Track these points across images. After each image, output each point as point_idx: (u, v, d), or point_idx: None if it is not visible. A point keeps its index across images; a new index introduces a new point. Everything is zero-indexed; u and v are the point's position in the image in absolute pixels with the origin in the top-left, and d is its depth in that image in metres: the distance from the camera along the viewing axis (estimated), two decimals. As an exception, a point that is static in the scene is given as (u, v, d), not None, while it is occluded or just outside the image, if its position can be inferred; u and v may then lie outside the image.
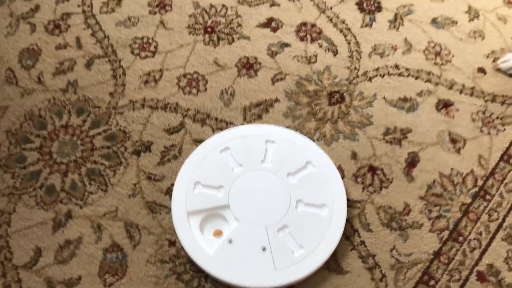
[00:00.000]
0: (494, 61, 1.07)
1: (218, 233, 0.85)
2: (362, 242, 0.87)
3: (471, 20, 1.13)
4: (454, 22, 1.13)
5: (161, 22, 1.12)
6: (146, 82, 1.04)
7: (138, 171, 0.94)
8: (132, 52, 1.08)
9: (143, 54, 1.08)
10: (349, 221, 0.89)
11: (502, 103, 1.01)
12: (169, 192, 0.91)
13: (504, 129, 0.98)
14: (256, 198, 0.88)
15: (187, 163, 0.91)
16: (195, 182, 0.88)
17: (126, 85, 1.04)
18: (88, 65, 1.07)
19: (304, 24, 1.12)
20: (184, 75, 1.05)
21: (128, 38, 1.10)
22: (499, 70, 1.06)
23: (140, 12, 1.14)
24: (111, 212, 0.89)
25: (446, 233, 0.88)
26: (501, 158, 0.95)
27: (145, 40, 1.10)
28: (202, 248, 0.82)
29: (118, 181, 0.93)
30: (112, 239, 0.87)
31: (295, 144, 0.93)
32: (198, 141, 0.97)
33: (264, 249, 0.83)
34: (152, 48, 1.08)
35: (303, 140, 0.94)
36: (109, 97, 1.02)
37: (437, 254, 0.86)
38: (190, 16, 1.13)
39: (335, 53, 1.08)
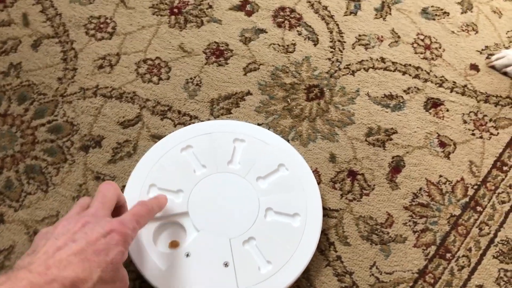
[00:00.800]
0: (488, 57, 0.98)
1: (174, 245, 0.73)
2: (339, 257, 0.77)
3: (464, 12, 1.04)
4: (446, 14, 1.03)
5: (122, 1, 0.99)
6: (100, 67, 0.91)
7: (85, 169, 0.81)
8: (86, 33, 0.95)
9: (99, 35, 0.95)
10: (324, 232, 0.78)
11: (496, 104, 0.92)
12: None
13: (498, 133, 0.89)
14: (220, 204, 0.76)
15: (142, 162, 0.79)
16: (150, 184, 0.77)
17: (77, 69, 0.91)
18: (35, 46, 0.93)
19: (282, 8, 1.01)
20: (145, 61, 0.93)
21: (83, 17, 0.97)
22: (493, 67, 0.96)
23: (98, -12, 1.00)
24: (51, 216, 0.77)
25: (432, 249, 0.78)
26: (494, 165, 0.86)
27: (102, 19, 0.97)
28: (154, 262, 0.71)
29: (62, 180, 0.80)
30: (50, 249, 0.74)
31: (267, 144, 0.82)
32: (156, 137, 0.85)
33: (226, 265, 0.72)
34: (109, 29, 0.96)
35: (277, 140, 0.83)
36: (57, 83, 0.89)
37: (422, 272, 0.76)
38: (154, -6, 1.00)
39: (316, 42, 0.97)
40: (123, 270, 0.60)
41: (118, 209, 0.66)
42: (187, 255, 0.72)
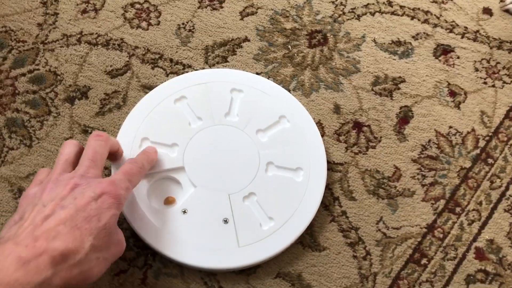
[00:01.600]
0: (501, 0, 0.91)
1: (170, 201, 0.69)
2: (344, 213, 0.73)
3: (476, -49, 0.96)
4: (458, -47, 0.95)
5: None
6: (84, 11, 0.84)
7: (72, 122, 0.75)
8: (67, -26, 0.87)
9: (81, -24, 0.86)
10: (328, 187, 0.74)
11: (510, 50, 0.86)
12: (110, 149, 0.73)
13: (511, 81, 0.84)
14: (218, 159, 0.71)
15: (132, 114, 0.73)
16: (142, 138, 0.71)
17: (59, 14, 0.83)
18: (11, -12, 0.85)
19: None
20: (132, 4, 0.85)
21: (62, -45, 0.88)
22: (507, 11, 0.90)
23: None
24: (35, 173, 0.72)
25: (441, 203, 0.74)
26: (506, 116, 0.81)
27: (84, -41, 0.88)
28: (149, 219, 0.66)
29: (46, 134, 0.74)
30: (37, 207, 0.70)
31: (267, 94, 0.76)
32: (147, 87, 0.78)
33: (225, 221, 0.67)
34: (92, -30, 0.87)
35: (277, 90, 0.77)
36: (37, 29, 0.82)
37: (430, 227, 0.73)
38: None
39: (318, -16, 0.89)
40: (118, 234, 0.55)
41: (113, 156, 0.62)
42: (184, 212, 0.67)
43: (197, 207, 0.68)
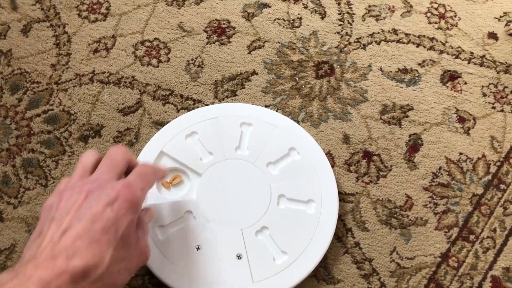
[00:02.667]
0: (507, 24, 0.92)
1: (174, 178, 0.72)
2: (357, 244, 0.73)
3: (479, -24, 0.97)
4: (460, -21, 0.96)
5: (114, -22, 0.93)
6: (96, 51, 0.86)
7: (86, 161, 0.77)
8: (79, 15, 0.89)
9: (92, 17, 0.89)
10: (341, 218, 0.74)
11: (517, 74, 0.87)
12: (124, 186, 0.74)
13: (520, 105, 0.84)
14: (230, 193, 0.72)
15: (145, 151, 0.75)
16: None
17: (71, 55, 0.86)
18: (26, 31, 0.88)
19: (285, -19, 0.94)
20: (142, 43, 0.87)
21: (74, -3, 0.91)
22: (512, 35, 0.91)
23: (89, -35, 0.94)
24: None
25: (455, 231, 0.74)
26: (517, 140, 0.81)
27: (95, 0, 0.91)
28: (164, 257, 0.67)
29: (61, 173, 0.76)
30: (53, 246, 0.71)
31: (276, 127, 0.77)
32: (159, 124, 0.80)
33: (239, 257, 0.68)
34: (103, 10, 0.90)
35: (286, 122, 0.78)
36: (50, 70, 0.84)
37: (445, 256, 0.72)
38: (149, -30, 0.94)
39: (323, 15, 0.91)
40: (139, 242, 0.55)
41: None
42: (198, 248, 0.68)
43: (211, 243, 0.69)
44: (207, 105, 0.82)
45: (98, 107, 0.81)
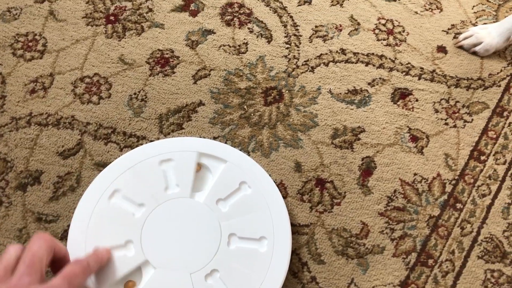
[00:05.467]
0: (455, 37, 0.91)
1: (130, 286, 0.66)
2: (313, 279, 0.70)
3: (425, -11, 0.96)
4: (407, -7, 0.95)
5: (51, 13, 0.89)
6: (32, 91, 0.82)
7: (25, 211, 0.73)
8: (13, 54, 0.85)
9: (28, 55, 0.85)
10: (296, 252, 0.72)
11: (468, 87, 0.86)
12: (66, 236, 0.70)
13: (472, 120, 0.83)
14: (177, 236, 0.69)
15: (85, 198, 0.70)
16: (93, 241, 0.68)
17: (6, 97, 0.81)
18: (-43, 73, 0.83)
19: (230, 4, 0.92)
20: (82, 79, 0.83)
21: (8, 35, 0.87)
22: (461, 47, 0.90)
23: (23, 1, 0.90)
24: (-11, 270, 0.68)
25: (413, 256, 0.72)
26: (471, 156, 0.80)
27: (30, 37, 0.87)
28: None
29: (-2, 227, 0.72)
30: (-9, 308, 0.66)
31: (225, 161, 0.74)
32: (101, 165, 0.76)
33: None
34: (39, 47, 0.86)
35: (235, 154, 0.75)
36: (-15, 114, 0.80)
37: (404, 284, 0.70)
38: (87, 2, 0.90)
39: (269, 39, 0.88)
40: None
41: (59, 262, 0.58)
42: None
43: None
44: (152, 141, 0.78)
45: (36, 151, 0.77)
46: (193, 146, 0.74)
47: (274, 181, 0.74)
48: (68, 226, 0.69)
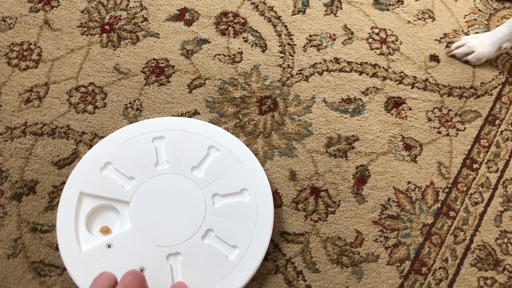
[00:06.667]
0: (447, 46, 0.92)
1: (105, 230, 0.69)
2: (308, 287, 0.71)
3: (418, -2, 0.98)
4: (400, 2, 0.97)
5: (46, 22, 0.89)
6: (27, 101, 0.82)
7: (20, 221, 0.73)
8: (8, 63, 0.85)
9: (23, 64, 0.85)
10: (291, 261, 0.72)
11: (460, 96, 0.87)
12: (61, 246, 0.70)
13: (464, 128, 0.84)
14: (164, 210, 0.70)
15: (64, 197, 0.70)
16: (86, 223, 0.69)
17: (1, 106, 0.81)
18: (-48, 83, 0.83)
19: (224, 14, 0.92)
20: (77, 88, 0.83)
21: (3, 45, 0.87)
22: (453, 56, 0.91)
23: (18, 10, 0.90)
24: (-16, 281, 0.69)
25: (407, 264, 0.73)
26: (464, 164, 0.81)
27: (25, 46, 0.87)
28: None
29: (-7, 237, 0.72)
30: (-14, 318, 0.66)
31: (189, 132, 0.76)
32: (96, 175, 0.76)
33: (142, 270, 0.66)
34: (34, 56, 0.86)
35: (197, 124, 0.77)
36: (-21, 124, 0.80)
37: (398, 292, 0.71)
38: (82, 11, 0.91)
39: (264, 48, 0.89)
40: None
41: None
42: (109, 246, 0.67)
43: (123, 246, 0.67)
44: (147, 151, 0.78)
45: (31, 161, 0.77)
46: (163, 126, 0.76)
47: (270, 189, 0.75)
48: (64, 236, 0.69)
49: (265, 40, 0.90)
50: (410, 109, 0.85)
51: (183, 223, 0.69)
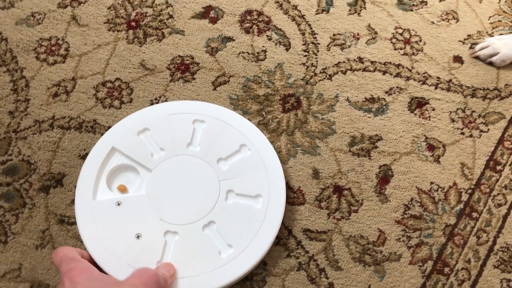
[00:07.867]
0: (471, 47, 0.92)
1: (122, 189, 0.72)
2: (331, 285, 0.71)
3: (442, -1, 0.97)
4: (424, 3, 0.96)
5: (73, 18, 0.91)
6: (55, 95, 0.83)
7: (48, 213, 0.74)
8: (37, 58, 0.87)
9: (51, 59, 0.87)
10: (313, 258, 0.73)
11: (484, 97, 0.87)
12: (88, 238, 0.72)
13: (488, 130, 0.84)
14: (179, 188, 0.73)
15: (96, 148, 0.74)
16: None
17: (30, 100, 0.83)
18: (-18, 76, 0.85)
19: (249, 12, 0.93)
20: (103, 84, 0.85)
21: (31, 40, 0.88)
22: (477, 58, 0.90)
23: (47, 6, 0.92)
24: (12, 270, 0.70)
25: (429, 264, 0.73)
26: (487, 166, 0.81)
27: (53, 41, 0.88)
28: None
29: (22, 228, 0.73)
30: (15, 307, 0.68)
31: (228, 124, 0.78)
32: (123, 169, 0.77)
33: (138, 237, 0.68)
34: (62, 51, 0.87)
35: (238, 119, 0.79)
36: (8, 117, 0.81)
37: (420, 292, 0.71)
38: (109, 8, 0.92)
39: (288, 46, 0.90)
40: None
41: None
42: (118, 204, 0.70)
43: (130, 208, 0.70)
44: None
45: (59, 154, 0.78)
46: (205, 111, 0.78)
47: (292, 188, 0.76)
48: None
49: (289, 38, 0.90)
50: (433, 109, 0.85)
51: (191, 207, 0.71)
